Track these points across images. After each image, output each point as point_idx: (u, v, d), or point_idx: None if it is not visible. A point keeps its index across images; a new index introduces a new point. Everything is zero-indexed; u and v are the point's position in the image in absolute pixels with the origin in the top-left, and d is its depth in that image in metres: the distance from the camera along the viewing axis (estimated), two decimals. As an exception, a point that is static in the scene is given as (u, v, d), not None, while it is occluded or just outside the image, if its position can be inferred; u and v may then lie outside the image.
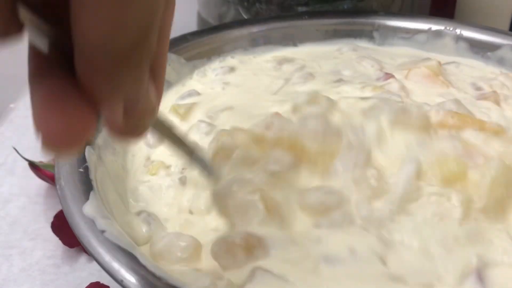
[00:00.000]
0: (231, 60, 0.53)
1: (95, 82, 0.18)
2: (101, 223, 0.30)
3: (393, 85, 0.47)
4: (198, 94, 0.48)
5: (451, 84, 0.48)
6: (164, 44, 0.23)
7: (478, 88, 0.48)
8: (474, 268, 0.30)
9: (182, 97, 0.48)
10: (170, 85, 0.49)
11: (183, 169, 0.39)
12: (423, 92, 0.47)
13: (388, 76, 0.49)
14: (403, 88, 0.47)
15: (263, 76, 0.51)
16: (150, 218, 0.35)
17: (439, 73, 0.49)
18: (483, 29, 0.53)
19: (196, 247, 0.31)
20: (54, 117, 0.18)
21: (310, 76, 0.50)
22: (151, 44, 0.19)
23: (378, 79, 0.49)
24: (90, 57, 0.18)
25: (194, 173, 0.37)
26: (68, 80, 0.18)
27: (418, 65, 0.50)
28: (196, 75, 0.51)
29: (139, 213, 0.35)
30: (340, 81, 0.49)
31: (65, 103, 0.18)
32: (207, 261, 0.31)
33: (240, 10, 0.59)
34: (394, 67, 0.51)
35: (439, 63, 0.50)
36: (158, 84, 0.23)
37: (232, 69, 0.52)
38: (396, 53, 0.54)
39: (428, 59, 0.51)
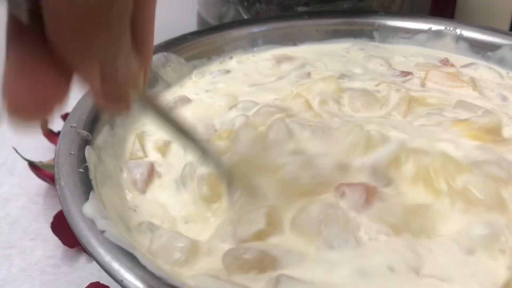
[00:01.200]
0: (229, 62, 0.53)
1: (65, 43, 0.18)
2: (101, 223, 0.30)
3: (414, 81, 0.47)
4: (189, 100, 0.47)
5: (476, 88, 0.47)
6: (149, 7, 0.21)
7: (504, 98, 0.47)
8: None
9: (174, 101, 0.47)
10: (169, 85, 0.49)
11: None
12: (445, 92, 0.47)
13: (406, 73, 0.49)
14: (424, 85, 0.47)
15: (255, 75, 0.51)
16: (152, 225, 0.34)
17: (458, 75, 0.49)
18: (483, 29, 0.53)
19: (193, 249, 0.31)
20: (21, 83, 0.18)
21: (307, 75, 0.50)
22: (125, 3, 0.18)
23: (395, 77, 0.49)
24: (57, 15, 0.17)
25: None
26: (42, 49, 0.18)
27: (439, 69, 0.50)
28: (194, 76, 0.51)
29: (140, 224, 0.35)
30: (343, 77, 0.49)
31: (34, 70, 0.18)
32: (205, 263, 0.31)
33: (240, 10, 0.59)
34: (409, 68, 0.51)
35: (457, 70, 0.51)
36: (144, 50, 0.21)
37: (227, 71, 0.52)
38: (408, 52, 0.55)
39: (446, 64, 0.52)
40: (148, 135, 0.43)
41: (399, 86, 0.46)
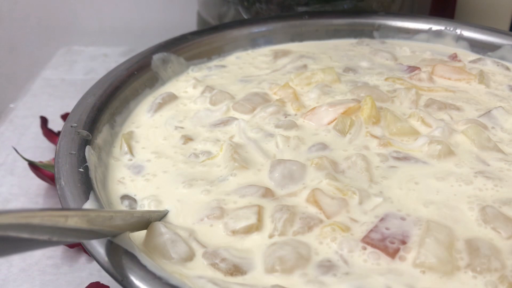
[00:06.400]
0: (228, 58, 0.54)
1: None
2: (101, 223, 0.30)
3: (422, 75, 0.48)
4: (176, 97, 0.47)
5: (483, 81, 0.48)
6: None
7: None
8: None
9: (162, 98, 0.46)
10: (163, 83, 0.49)
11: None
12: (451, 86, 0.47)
13: (414, 68, 0.50)
14: (431, 79, 0.48)
15: (250, 69, 0.52)
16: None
17: (465, 68, 0.50)
18: (483, 29, 0.53)
19: (189, 254, 0.31)
20: None
21: (304, 67, 0.51)
22: None
23: (402, 72, 0.49)
24: None
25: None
26: None
27: (446, 63, 0.50)
28: (191, 71, 0.51)
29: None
30: (348, 70, 0.50)
31: None
32: (200, 263, 0.30)
33: (240, 10, 0.59)
34: (416, 62, 0.51)
35: (465, 64, 0.51)
36: None
37: (223, 66, 0.52)
38: (416, 47, 0.55)
39: (454, 59, 0.52)
40: (136, 136, 0.42)
41: (407, 83, 0.47)
